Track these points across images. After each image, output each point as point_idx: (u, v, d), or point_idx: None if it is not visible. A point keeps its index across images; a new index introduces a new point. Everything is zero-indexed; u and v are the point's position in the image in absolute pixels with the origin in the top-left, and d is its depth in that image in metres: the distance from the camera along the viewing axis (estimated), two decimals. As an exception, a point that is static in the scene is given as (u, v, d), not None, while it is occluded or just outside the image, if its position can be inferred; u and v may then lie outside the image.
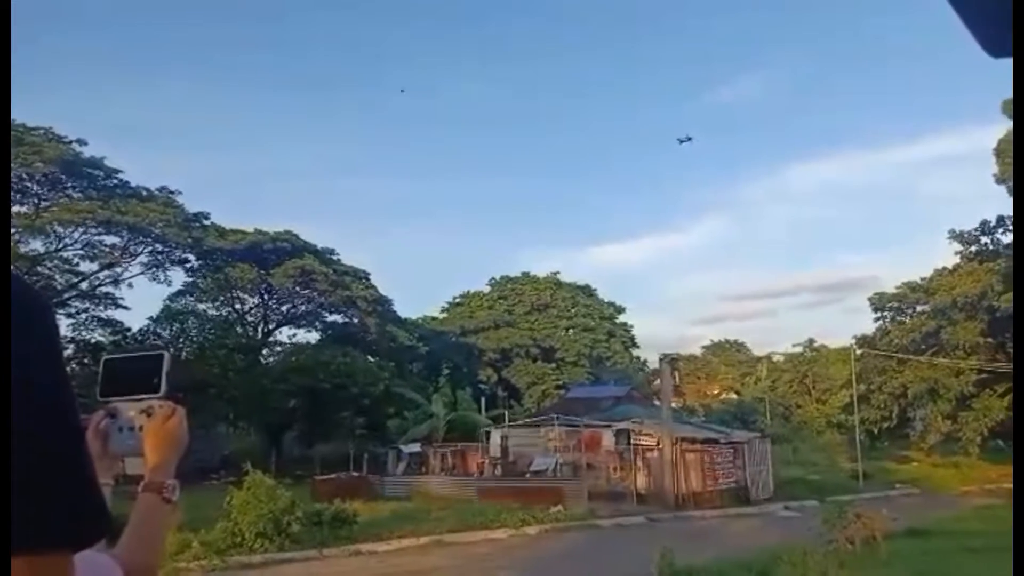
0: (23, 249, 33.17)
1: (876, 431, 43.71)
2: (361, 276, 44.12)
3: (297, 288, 42.51)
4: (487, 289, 63.88)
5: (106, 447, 1.33)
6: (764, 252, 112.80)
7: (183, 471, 1.40)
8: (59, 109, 72.23)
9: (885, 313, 45.37)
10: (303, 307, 45.64)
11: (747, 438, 33.45)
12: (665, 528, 22.01)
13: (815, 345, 69.41)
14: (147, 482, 1.32)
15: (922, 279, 43.22)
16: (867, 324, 47.29)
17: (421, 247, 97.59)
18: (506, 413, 42.15)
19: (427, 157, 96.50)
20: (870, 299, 45.83)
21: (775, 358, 73.25)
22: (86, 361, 35.10)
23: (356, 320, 44.56)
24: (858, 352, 44.67)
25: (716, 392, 75.05)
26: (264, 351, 45.37)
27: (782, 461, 38.82)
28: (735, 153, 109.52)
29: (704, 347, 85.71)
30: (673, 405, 33.44)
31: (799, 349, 69.72)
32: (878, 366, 43.35)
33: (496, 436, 33.64)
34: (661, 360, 31.92)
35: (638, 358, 66.36)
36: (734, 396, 70.81)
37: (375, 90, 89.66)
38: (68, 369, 0.88)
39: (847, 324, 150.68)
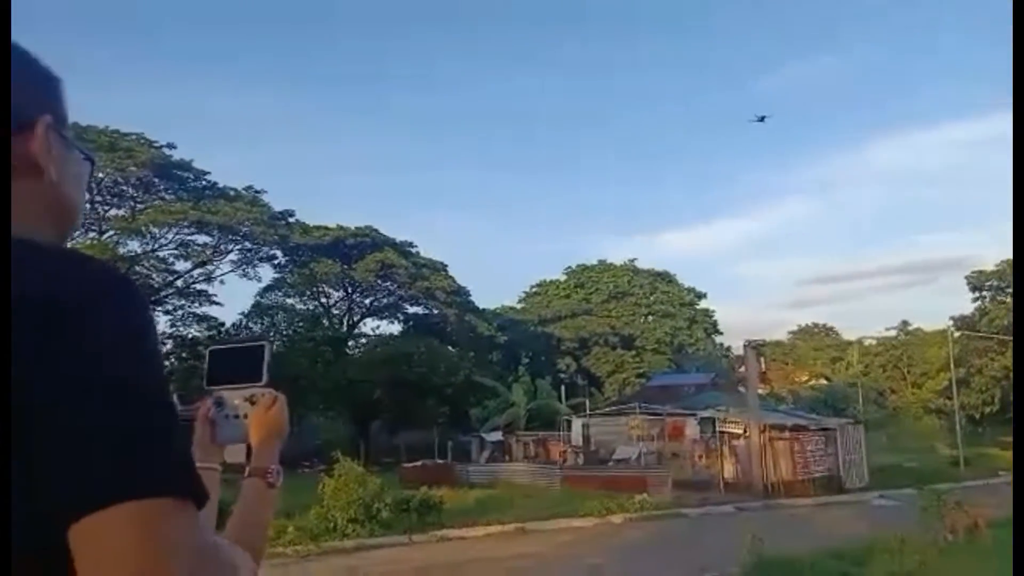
0: (121, 250, 34.96)
1: (977, 416, 41.74)
2: (439, 268, 44.72)
3: (378, 281, 43.44)
4: (563, 278, 63.70)
5: (214, 434, 1.38)
6: (844, 234, 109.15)
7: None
8: (123, 111, 75.21)
9: (984, 292, 43.23)
10: (385, 299, 46.59)
11: (839, 424, 32.38)
12: (754, 517, 21.52)
13: (909, 328, 66.73)
14: (252, 467, 1.36)
15: (1025, 255, 40.89)
16: (962, 304, 45.22)
17: (495, 238, 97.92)
18: (586, 402, 42.04)
19: (498, 151, 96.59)
20: (967, 278, 43.83)
21: (867, 342, 70.70)
22: (184, 355, 36.71)
23: (436, 311, 45.24)
24: (956, 334, 42.64)
25: (805, 378, 72.74)
26: (350, 343, 46.52)
27: (877, 448, 37.44)
28: (813, 133, 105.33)
29: (791, 332, 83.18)
30: (759, 392, 32.63)
31: (892, 332, 67.09)
32: (978, 348, 41.38)
33: (577, 424, 33.61)
34: (745, 346, 31.16)
35: (721, 345, 65.13)
36: (824, 382, 68.66)
37: (427, 86, 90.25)
38: (168, 364, 0.90)
39: (940, 305, 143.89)
